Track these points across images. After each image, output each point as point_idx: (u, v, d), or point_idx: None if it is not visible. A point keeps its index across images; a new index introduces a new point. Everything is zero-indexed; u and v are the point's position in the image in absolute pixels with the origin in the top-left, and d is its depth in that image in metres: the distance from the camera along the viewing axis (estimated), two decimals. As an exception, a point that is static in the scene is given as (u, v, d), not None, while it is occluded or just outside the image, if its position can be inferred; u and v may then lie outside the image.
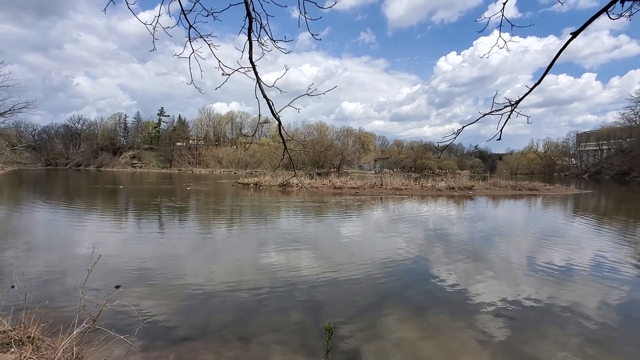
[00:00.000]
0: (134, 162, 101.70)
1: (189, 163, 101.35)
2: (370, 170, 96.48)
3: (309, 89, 2.56)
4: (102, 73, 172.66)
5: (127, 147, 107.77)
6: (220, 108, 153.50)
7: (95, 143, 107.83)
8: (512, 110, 2.46)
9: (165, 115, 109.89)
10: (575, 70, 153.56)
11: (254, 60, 2.43)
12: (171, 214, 15.32)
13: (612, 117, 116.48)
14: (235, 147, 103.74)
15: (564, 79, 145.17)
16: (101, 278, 6.37)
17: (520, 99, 2.44)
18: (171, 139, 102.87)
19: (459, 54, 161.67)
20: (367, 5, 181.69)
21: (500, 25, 3.24)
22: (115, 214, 15.24)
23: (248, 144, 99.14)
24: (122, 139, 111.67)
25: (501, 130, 2.54)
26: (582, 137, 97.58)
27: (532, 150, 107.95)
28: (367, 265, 7.66)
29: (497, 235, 11.87)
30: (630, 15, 2.70)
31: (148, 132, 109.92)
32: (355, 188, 29.02)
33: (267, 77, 2.80)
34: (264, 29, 2.50)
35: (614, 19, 2.22)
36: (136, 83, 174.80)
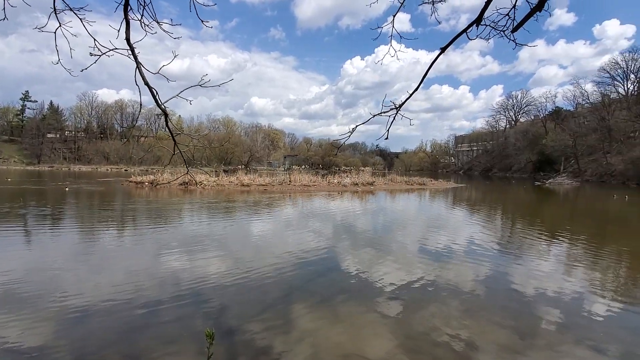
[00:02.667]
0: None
1: (65, 159, 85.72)
2: (280, 167, 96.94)
3: (202, 79, 2.38)
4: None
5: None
6: (108, 95, 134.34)
7: None
8: (396, 113, 2.73)
9: (31, 101, 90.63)
10: (455, 83, 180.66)
11: (131, 42, 2.13)
12: (42, 220, 12.73)
13: (480, 124, 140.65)
14: (126, 140, 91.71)
15: (446, 89, 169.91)
16: None
17: (402, 103, 2.72)
18: (40, 130, 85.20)
19: (362, 59, 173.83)
20: (277, 1, 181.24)
21: (391, 35, 3.56)
22: (-44, 222, 11.97)
23: (127, 139, 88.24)
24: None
25: (388, 130, 2.80)
26: (459, 140, 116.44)
27: (422, 150, 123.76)
28: (276, 262, 7.63)
29: (394, 225, 13.19)
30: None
31: (7, 121, 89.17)
32: (264, 185, 28.72)
33: (167, 65, 2.50)
34: (147, 9, 2.22)
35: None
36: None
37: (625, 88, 62.93)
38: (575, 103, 71.89)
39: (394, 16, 3.52)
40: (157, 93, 2.23)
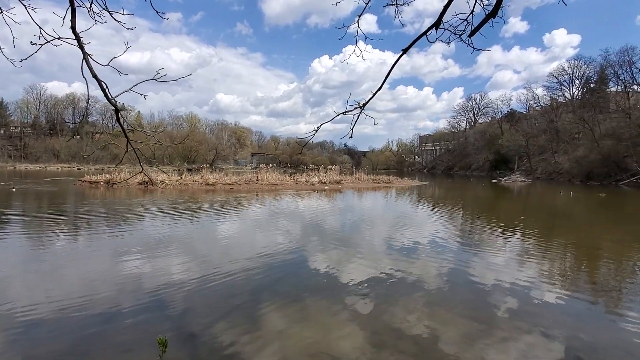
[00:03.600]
0: None
1: (10, 157, 78.59)
2: (247, 165, 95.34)
3: (157, 73, 2.25)
4: None
5: None
6: (58, 88, 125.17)
7: None
8: (360, 112, 2.76)
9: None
10: (419, 84, 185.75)
11: (77, 31, 1.97)
12: (-21, 223, 11.59)
13: (442, 124, 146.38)
14: (77, 136, 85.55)
15: (411, 90, 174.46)
16: None
17: (366, 102, 2.75)
18: (-19, 125, 77.72)
19: (331, 58, 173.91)
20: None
21: (357, 36, 3.59)
22: None
23: (80, 136, 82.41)
24: None
25: (352, 128, 2.83)
26: (423, 139, 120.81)
27: (388, 149, 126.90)
28: (244, 263, 7.48)
29: (362, 223, 13.40)
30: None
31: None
32: (230, 184, 28.09)
33: (124, 57, 2.35)
34: (96, -5, 2.06)
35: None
36: None
37: (571, 93, 68.36)
38: (528, 106, 76.94)
39: (359, 16, 3.55)
40: (107, 86, 2.07)
